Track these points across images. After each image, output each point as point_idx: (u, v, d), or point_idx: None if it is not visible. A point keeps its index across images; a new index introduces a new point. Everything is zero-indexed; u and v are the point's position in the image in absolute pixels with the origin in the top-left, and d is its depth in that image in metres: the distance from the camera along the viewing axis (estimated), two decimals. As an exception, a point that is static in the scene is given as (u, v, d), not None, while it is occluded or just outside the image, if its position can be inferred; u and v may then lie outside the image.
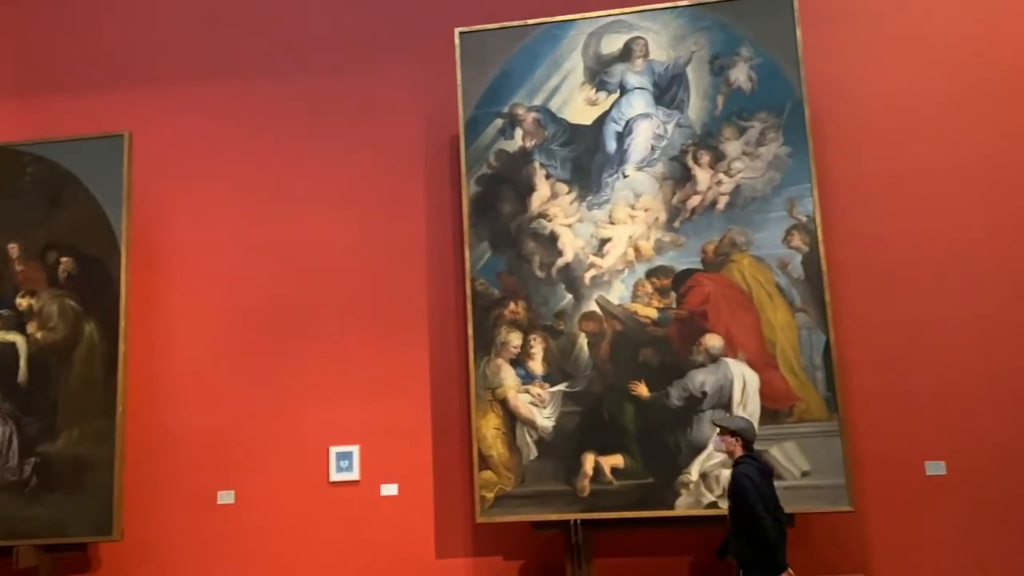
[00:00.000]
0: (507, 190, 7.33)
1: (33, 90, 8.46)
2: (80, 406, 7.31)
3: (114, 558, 7.49)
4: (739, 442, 5.52)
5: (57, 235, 7.63)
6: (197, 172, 8.20)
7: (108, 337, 7.40)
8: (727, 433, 5.54)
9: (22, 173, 7.74)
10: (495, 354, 7.08)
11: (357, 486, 7.51)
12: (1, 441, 7.33)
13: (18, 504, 7.19)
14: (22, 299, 7.58)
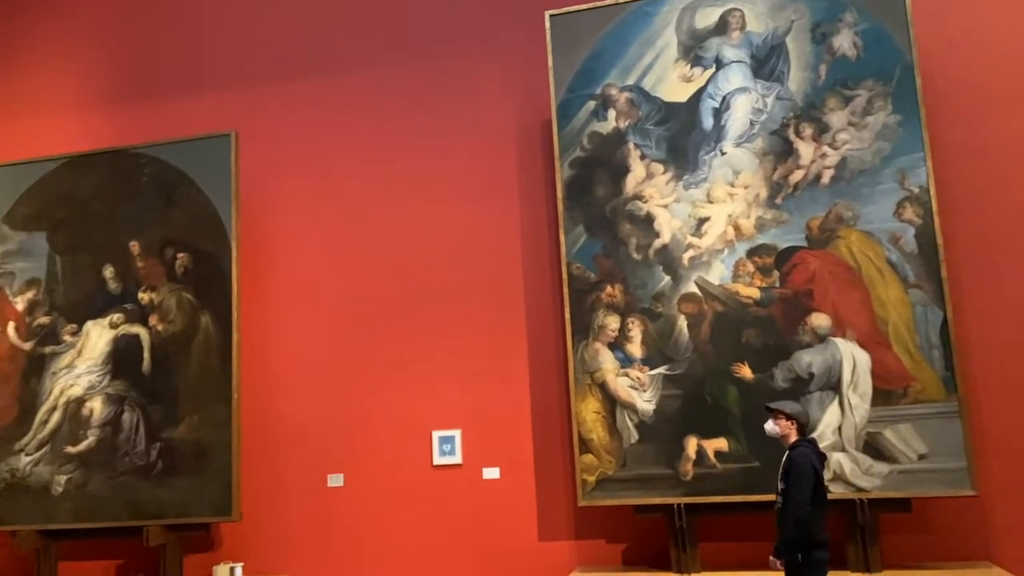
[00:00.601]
0: (601, 172, 7.27)
1: (147, 95, 8.92)
2: (199, 394, 7.71)
3: (234, 537, 7.88)
4: (794, 426, 5.34)
5: (173, 232, 8.04)
6: (299, 167, 8.47)
7: (222, 328, 7.76)
8: (782, 416, 5.37)
9: (140, 174, 8.19)
10: (593, 338, 7.05)
11: (460, 469, 7.65)
12: (129, 427, 7.81)
13: (146, 486, 7.65)
14: (144, 294, 8.04)
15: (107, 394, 7.92)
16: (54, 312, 8.17)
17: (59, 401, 7.99)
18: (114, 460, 7.74)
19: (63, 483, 7.79)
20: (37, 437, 7.95)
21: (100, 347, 8.04)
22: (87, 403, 7.93)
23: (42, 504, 7.79)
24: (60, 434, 7.91)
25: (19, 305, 8.22)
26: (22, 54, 9.29)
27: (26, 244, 8.32)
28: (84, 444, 7.85)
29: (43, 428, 7.96)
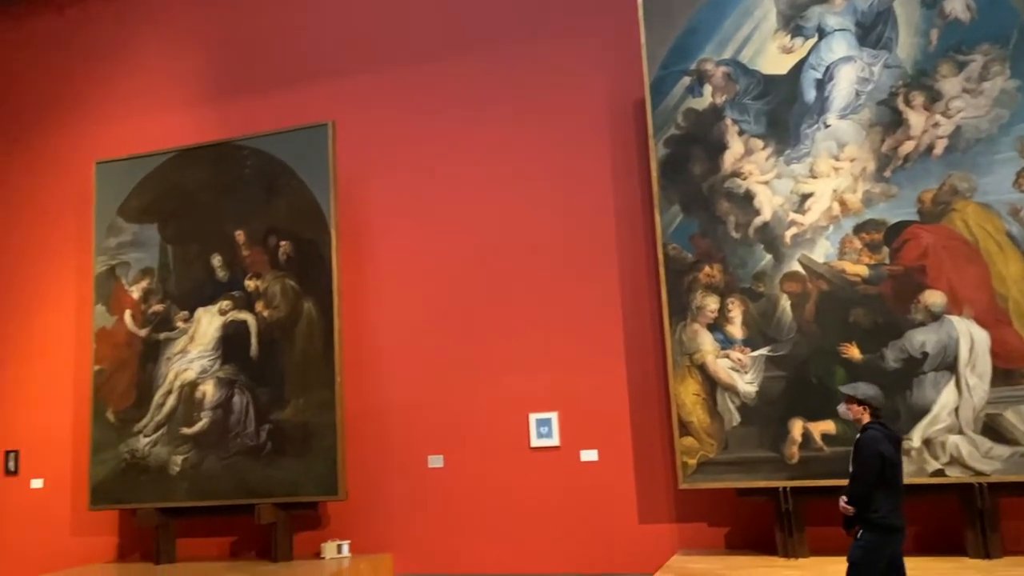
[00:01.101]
0: (697, 150, 7.12)
1: (248, 88, 9.20)
2: (304, 377, 7.96)
3: (341, 516, 8.13)
4: (867, 411, 5.12)
5: (276, 221, 8.30)
6: (395, 154, 8.60)
7: (324, 313, 7.98)
8: (854, 402, 5.16)
9: (243, 166, 8.48)
10: (691, 319, 6.94)
11: (557, 452, 7.68)
12: (240, 410, 8.14)
13: (257, 466, 7.96)
14: (250, 281, 8.33)
15: (218, 378, 8.27)
16: (167, 300, 8.57)
17: (174, 385, 8.39)
18: (226, 441, 8.08)
19: (179, 463, 8.19)
20: (154, 419, 8.37)
21: (211, 333, 8.38)
22: (200, 387, 8.30)
23: (160, 483, 8.21)
24: (176, 416, 8.31)
25: (135, 294, 8.65)
26: (133, 55, 9.71)
27: (140, 235, 8.73)
28: (198, 426, 8.23)
29: (160, 411, 8.38)
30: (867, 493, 4.86)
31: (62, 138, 9.74)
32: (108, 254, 8.76)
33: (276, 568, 7.58)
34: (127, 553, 8.74)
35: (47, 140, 9.82)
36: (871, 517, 4.86)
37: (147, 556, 8.47)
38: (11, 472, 9.26)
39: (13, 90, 10.07)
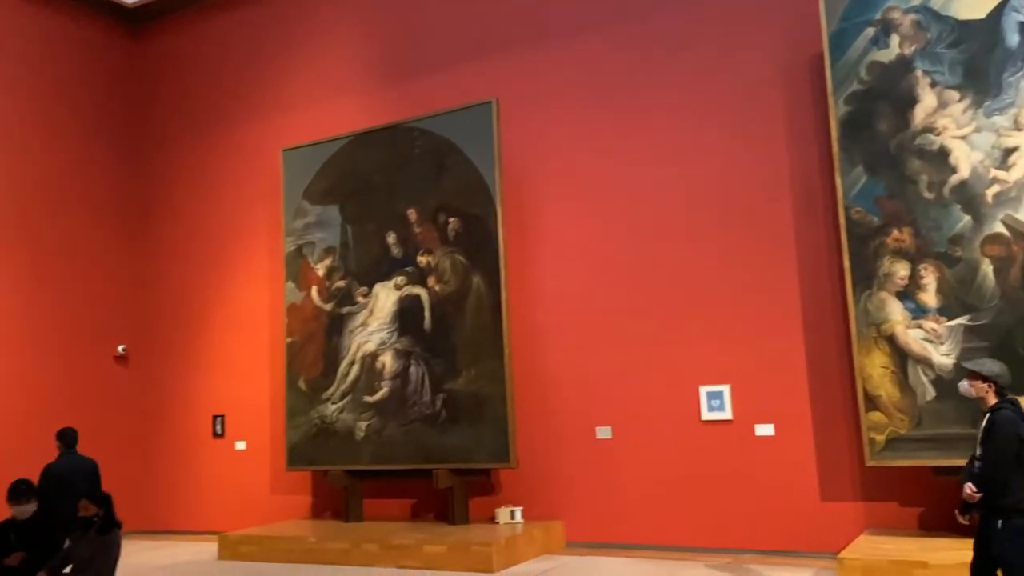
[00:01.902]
0: (883, 106, 6.64)
1: (417, 71, 9.53)
2: (474, 348, 8.22)
3: (513, 483, 8.37)
4: (991, 388, 4.52)
5: (445, 198, 8.58)
6: (558, 127, 8.63)
7: (492, 287, 8.19)
8: (978, 379, 4.56)
9: (413, 146, 8.81)
10: (878, 287, 6.53)
11: (730, 425, 7.50)
12: (416, 380, 8.53)
13: (433, 433, 8.33)
14: (422, 257, 8.68)
15: (396, 349, 8.70)
16: (348, 276, 9.10)
17: (356, 356, 8.92)
18: (405, 409, 8.51)
19: (363, 429, 8.72)
20: (340, 388, 8.95)
21: (388, 307, 8.83)
22: (380, 358, 8.77)
23: (347, 447, 8.78)
24: (359, 385, 8.84)
25: (320, 271, 9.24)
26: (311, 47, 10.31)
27: (322, 216, 9.31)
28: (379, 394, 8.71)
29: (345, 380, 8.94)
30: (1003, 479, 4.40)
31: (251, 128, 10.52)
32: (295, 235, 9.41)
33: (454, 530, 7.92)
34: (320, 511, 9.44)
35: (237, 131, 10.64)
36: (1006, 503, 4.37)
37: (337, 514, 9.11)
38: (218, 435, 10.24)
39: (205, 85, 10.97)
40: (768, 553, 7.10)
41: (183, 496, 10.38)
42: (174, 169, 11.07)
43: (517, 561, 7.38)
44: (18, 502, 5.63)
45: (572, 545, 7.98)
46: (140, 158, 11.30)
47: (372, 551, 7.66)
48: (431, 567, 7.30)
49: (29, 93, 10.23)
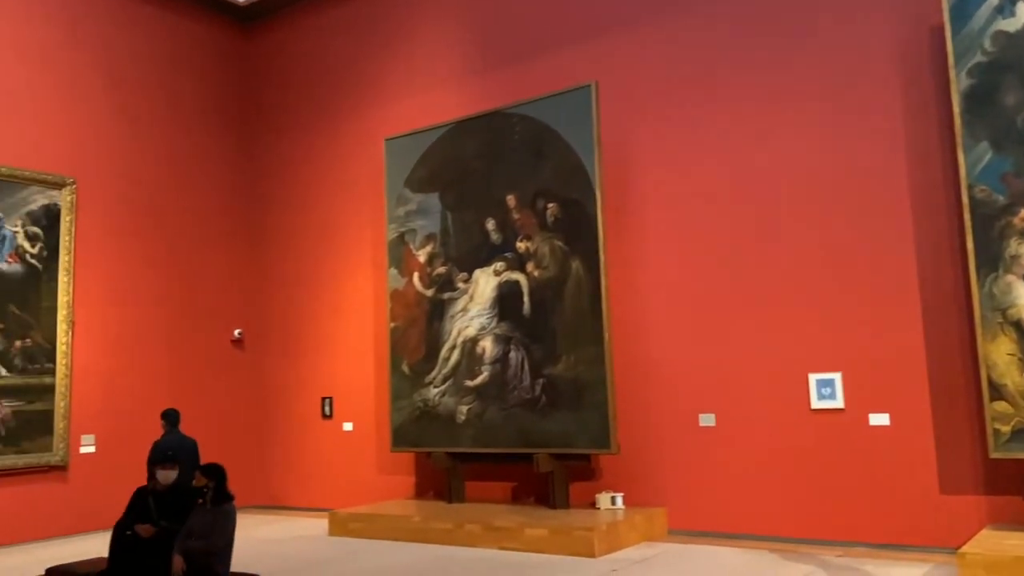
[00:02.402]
0: (1010, 78, 6.24)
1: (514, 57, 9.55)
2: (573, 334, 8.22)
3: (613, 469, 8.35)
4: None
5: (543, 184, 8.58)
6: (657, 110, 8.50)
7: (591, 272, 8.15)
8: None
9: (512, 132, 8.85)
10: (1004, 270, 6.16)
11: (841, 414, 7.24)
12: (516, 364, 8.61)
13: (533, 418, 8.40)
14: (521, 243, 8.72)
15: (495, 335, 8.80)
16: (449, 263, 9.25)
17: (457, 341, 9.07)
18: (505, 393, 8.61)
19: (465, 412, 8.87)
20: (442, 372, 9.13)
21: (487, 293, 8.93)
22: (480, 343, 8.89)
23: (449, 430, 8.96)
24: (460, 370, 9.00)
25: (421, 257, 9.43)
26: (412, 37, 10.49)
27: (423, 204, 9.48)
28: (479, 379, 8.84)
29: (446, 364, 9.11)
30: None
31: (355, 119, 10.80)
32: (398, 222, 9.63)
33: (555, 514, 7.98)
34: (423, 491, 9.69)
35: (342, 122, 10.95)
36: None
37: (440, 495, 9.33)
38: (326, 416, 10.64)
39: (311, 79, 11.32)
40: (881, 547, 6.85)
41: (295, 474, 10.85)
42: (283, 161, 11.50)
43: (619, 547, 7.37)
44: (163, 466, 5.83)
45: (674, 532, 7.91)
46: (252, 150, 11.80)
47: (475, 532, 7.81)
48: (532, 550, 7.38)
49: (157, 90, 10.81)
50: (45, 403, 9.32)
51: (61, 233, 9.64)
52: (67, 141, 9.83)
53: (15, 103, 9.41)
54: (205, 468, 5.66)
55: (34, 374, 9.29)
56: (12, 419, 9.05)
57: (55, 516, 9.20)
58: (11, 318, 9.18)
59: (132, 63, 10.61)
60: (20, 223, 9.34)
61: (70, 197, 9.74)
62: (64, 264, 9.62)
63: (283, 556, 7.69)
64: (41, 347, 9.37)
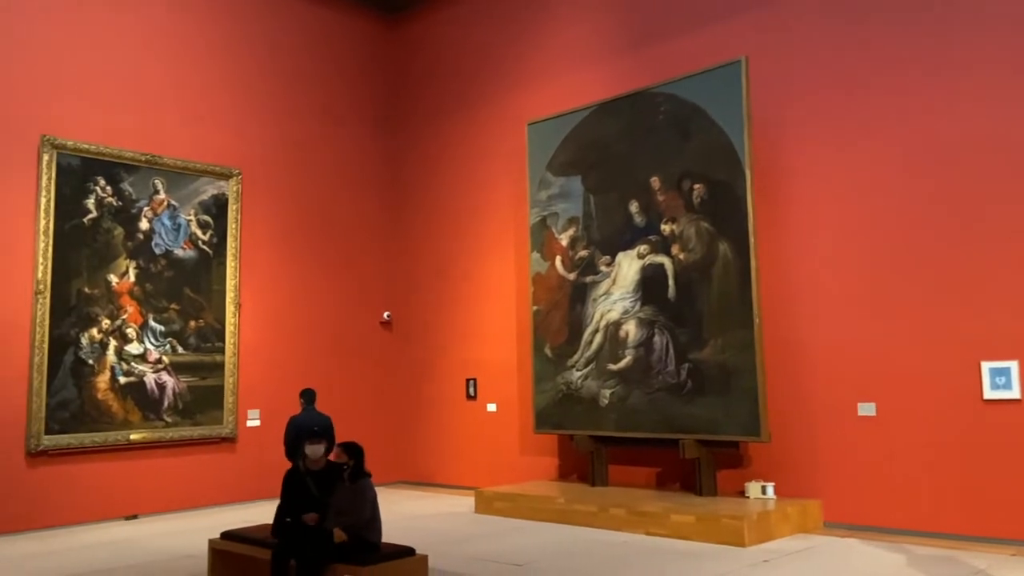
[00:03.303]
0: None
1: (657, 36, 9.37)
2: (721, 318, 8.02)
3: (763, 457, 8.11)
4: None
5: (689, 164, 8.39)
6: (813, 83, 8.11)
7: (740, 254, 7.90)
8: None
9: (657, 113, 8.69)
10: None
11: (1018, 405, 6.70)
12: (660, 349, 8.50)
13: (678, 403, 8.27)
14: (665, 225, 8.58)
15: (639, 318, 8.71)
16: (591, 246, 9.22)
17: (600, 324, 9.05)
18: (648, 378, 8.52)
19: (608, 396, 8.86)
20: (584, 355, 9.14)
21: (631, 276, 8.84)
22: (623, 326, 8.83)
23: (592, 413, 8.97)
24: (603, 353, 8.98)
25: (563, 241, 9.46)
26: (552, 18, 10.50)
27: (565, 187, 9.49)
28: (623, 363, 8.78)
29: (588, 348, 9.12)
30: None
31: (497, 104, 10.95)
32: (540, 206, 9.69)
33: (703, 501, 7.84)
34: (566, 473, 9.77)
35: (484, 107, 11.12)
36: None
37: (583, 477, 9.37)
38: (471, 397, 10.90)
39: (453, 66, 11.55)
40: (1066, 550, 6.31)
41: (440, 452, 11.21)
42: (428, 148, 11.82)
43: (770, 538, 7.16)
44: (312, 441, 6.09)
45: (830, 525, 7.60)
46: (399, 139, 12.20)
47: (619, 516, 7.81)
48: (678, 536, 7.29)
49: (312, 83, 11.39)
50: (216, 379, 10.07)
51: (228, 221, 10.35)
52: (233, 134, 10.51)
53: (186, 100, 10.14)
54: (346, 446, 5.86)
55: (206, 352, 10.04)
56: (188, 394, 9.84)
57: (224, 484, 9.94)
58: (186, 300, 9.95)
59: (289, 58, 11.18)
60: (193, 212, 10.09)
61: (236, 187, 10.42)
62: (231, 250, 10.32)
63: (432, 531, 7.97)
64: (212, 327, 10.12)
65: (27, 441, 8.56)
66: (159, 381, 9.64)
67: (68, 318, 8.98)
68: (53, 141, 8.97)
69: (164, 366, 9.68)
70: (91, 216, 9.26)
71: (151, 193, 9.76)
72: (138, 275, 9.58)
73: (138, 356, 9.49)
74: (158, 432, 9.53)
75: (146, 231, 9.69)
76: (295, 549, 5.51)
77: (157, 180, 9.81)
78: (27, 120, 8.83)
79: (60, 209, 8.99)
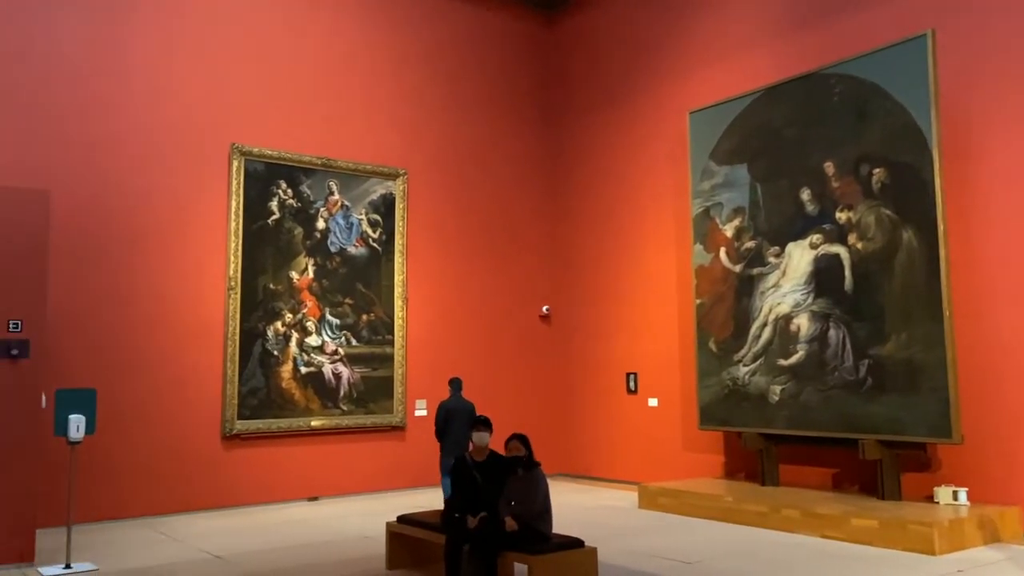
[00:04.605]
0: None
1: (831, 12, 8.85)
2: (905, 311, 7.50)
3: (954, 461, 7.52)
4: None
5: (868, 148, 7.90)
6: (1006, 64, 7.41)
7: (926, 243, 7.36)
8: None
9: (830, 94, 8.24)
10: None
11: None
12: (836, 344, 8.06)
13: (856, 401, 7.81)
14: (840, 213, 8.12)
15: (812, 311, 8.30)
16: (758, 236, 8.89)
17: (768, 318, 8.71)
18: (823, 374, 8.10)
19: (778, 392, 8.51)
20: (752, 350, 8.83)
21: (802, 267, 8.45)
22: (794, 320, 8.45)
23: (760, 410, 8.66)
24: (772, 348, 8.64)
25: (728, 232, 9.18)
26: (712, 4, 10.17)
27: (730, 176, 9.20)
28: (794, 358, 8.41)
29: (756, 342, 8.80)
30: None
31: (656, 94, 10.77)
32: (702, 196, 9.45)
33: (884, 506, 7.38)
34: (733, 472, 9.48)
35: (642, 98, 10.97)
36: None
37: (751, 476, 9.06)
38: (631, 391, 10.81)
39: (609, 58, 11.47)
40: None
41: (600, 446, 11.19)
42: (585, 141, 11.81)
43: (963, 546, 6.65)
44: (478, 429, 6.21)
45: (1033, 536, 6.96)
46: (556, 133, 12.27)
47: (792, 517, 7.49)
48: (858, 541, 6.90)
49: (471, 83, 11.67)
50: (386, 370, 10.54)
51: (395, 219, 10.79)
52: (398, 135, 10.95)
53: (356, 106, 10.66)
54: (521, 437, 5.95)
55: (377, 344, 10.53)
56: (361, 383, 10.36)
57: (395, 471, 10.39)
58: (358, 295, 10.47)
59: (450, 59, 11.51)
60: (364, 211, 10.60)
61: (402, 186, 10.85)
62: (398, 246, 10.76)
63: (597, 524, 7.96)
64: (382, 320, 10.60)
65: (222, 425, 9.32)
66: (335, 371, 10.21)
67: (256, 312, 9.68)
68: (241, 148, 9.69)
69: (340, 357, 10.24)
70: (274, 217, 9.94)
71: (326, 194, 10.34)
72: (316, 272, 10.18)
73: (317, 348, 10.09)
74: (335, 419, 10.10)
75: (322, 230, 10.27)
76: (469, 536, 5.66)
77: (332, 182, 10.38)
78: (219, 130, 9.59)
79: (248, 211, 9.71)
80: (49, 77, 8.61)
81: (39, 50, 8.58)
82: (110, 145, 8.91)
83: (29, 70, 8.51)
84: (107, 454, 8.40)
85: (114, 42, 9.03)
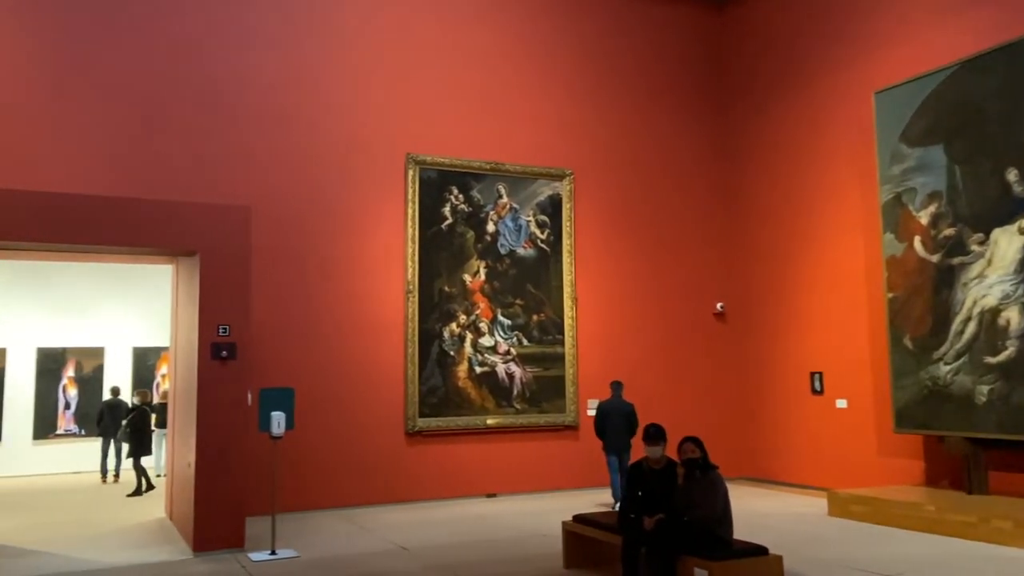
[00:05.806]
0: None
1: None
2: None
3: None
4: None
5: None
6: None
7: None
8: None
9: (1041, 62, 7.41)
10: None
11: None
12: (1055, 339, 7.23)
13: (1082, 403, 6.96)
14: (1058, 193, 7.28)
15: (1022, 304, 7.49)
16: (958, 223, 8.14)
17: (972, 312, 7.95)
18: (1040, 373, 7.30)
19: (985, 393, 7.75)
20: (954, 347, 8.09)
21: (1011, 255, 7.65)
22: (1003, 313, 7.67)
23: (965, 412, 7.91)
24: (977, 344, 7.88)
25: (923, 219, 8.46)
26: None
27: (923, 159, 8.48)
28: (1003, 355, 7.63)
29: (959, 338, 8.06)
30: None
31: (835, 77, 10.13)
32: (893, 182, 8.78)
33: (1122, 522, 6.53)
34: (934, 479, 8.72)
35: (820, 83, 10.35)
36: None
37: (956, 484, 8.29)
38: (816, 392, 10.22)
39: (785, 43, 10.91)
40: None
41: (783, 449, 10.67)
42: (759, 131, 11.33)
43: None
44: (650, 443, 6.10)
45: None
46: (727, 125, 11.85)
47: (1004, 529, 6.79)
48: (1090, 560, 6.14)
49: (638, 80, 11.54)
50: (557, 369, 10.62)
51: (563, 219, 10.85)
52: (563, 136, 10.99)
53: (522, 110, 10.81)
54: (694, 440, 5.77)
55: (547, 344, 10.63)
56: (533, 383, 10.49)
57: (568, 470, 10.43)
58: (529, 296, 10.62)
59: (614, 55, 11.42)
60: (531, 213, 10.74)
61: (569, 187, 10.89)
62: (566, 247, 10.81)
63: (783, 531, 7.59)
64: (552, 320, 10.68)
65: (405, 423, 9.76)
66: (508, 371, 10.41)
67: (432, 314, 10.06)
68: (416, 158, 10.11)
69: (512, 357, 10.43)
70: (447, 222, 10.28)
71: (495, 198, 10.56)
72: (487, 274, 10.43)
73: (490, 348, 10.33)
74: (509, 418, 10.30)
75: (492, 233, 10.51)
76: (647, 539, 5.57)
77: (500, 186, 10.60)
78: (395, 141, 10.06)
79: (423, 217, 10.11)
80: (246, 100, 9.41)
81: (236, 74, 9.40)
82: (302, 160, 9.61)
83: (225, 97, 9.34)
84: (303, 449, 9.03)
85: (306, 66, 9.73)
